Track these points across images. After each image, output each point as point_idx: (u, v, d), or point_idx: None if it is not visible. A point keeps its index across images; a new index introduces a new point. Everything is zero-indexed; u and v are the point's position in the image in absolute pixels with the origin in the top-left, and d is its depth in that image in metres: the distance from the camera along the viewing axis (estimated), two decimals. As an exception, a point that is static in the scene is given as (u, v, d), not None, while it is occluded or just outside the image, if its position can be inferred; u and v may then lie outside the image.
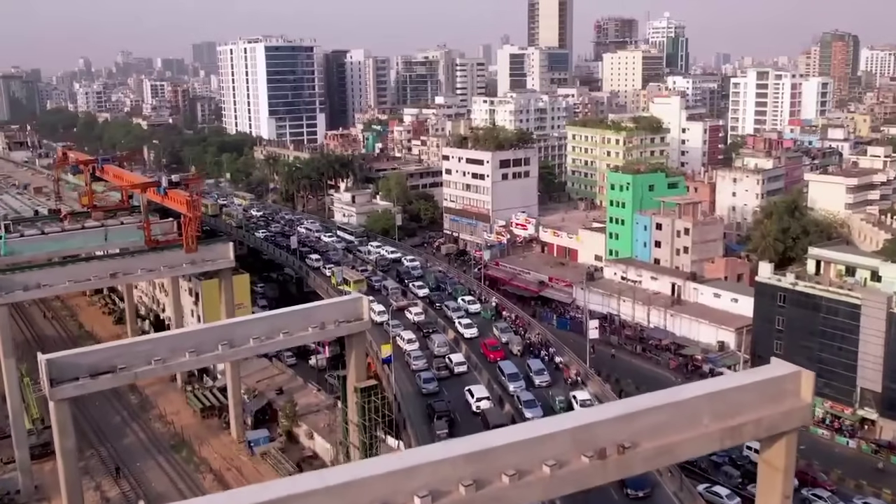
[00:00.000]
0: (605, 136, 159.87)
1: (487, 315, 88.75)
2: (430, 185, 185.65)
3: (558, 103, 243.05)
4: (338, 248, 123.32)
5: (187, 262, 69.74)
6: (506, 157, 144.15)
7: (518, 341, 78.08)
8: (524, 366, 71.00)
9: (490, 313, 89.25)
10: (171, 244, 69.13)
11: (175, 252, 69.19)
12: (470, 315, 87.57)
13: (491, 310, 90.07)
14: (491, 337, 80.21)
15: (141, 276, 69.60)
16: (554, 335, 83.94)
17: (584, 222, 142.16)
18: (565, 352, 75.15)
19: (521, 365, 71.49)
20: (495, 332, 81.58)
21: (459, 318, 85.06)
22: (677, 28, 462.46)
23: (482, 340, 77.28)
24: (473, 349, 76.44)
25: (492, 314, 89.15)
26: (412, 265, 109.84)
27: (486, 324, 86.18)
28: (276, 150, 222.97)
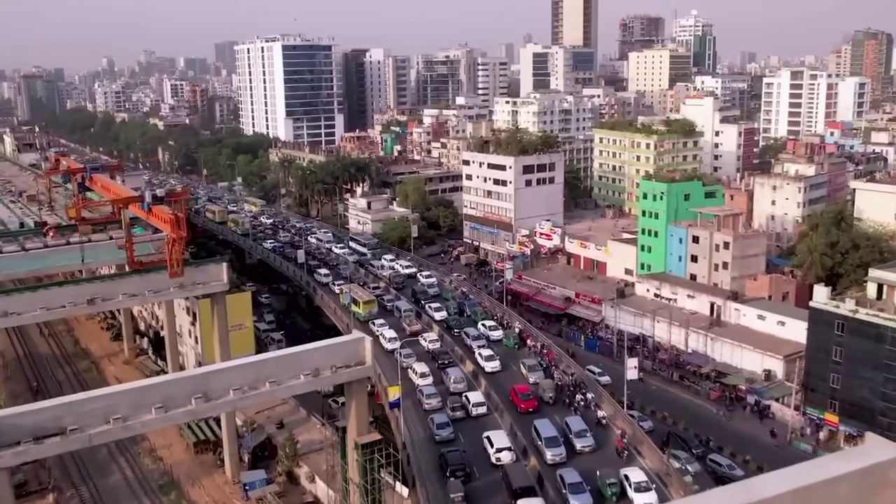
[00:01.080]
0: (634, 139, 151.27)
1: (510, 343, 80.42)
2: (449, 190, 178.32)
3: (583, 104, 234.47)
4: (349, 262, 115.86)
5: (175, 286, 62.50)
6: (529, 163, 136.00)
7: (550, 385, 67.93)
8: (559, 419, 60.56)
9: (513, 341, 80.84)
10: (157, 266, 62.04)
11: (162, 274, 61.92)
12: (491, 343, 79.60)
13: (514, 337, 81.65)
14: (520, 381, 69.89)
15: (122, 302, 62.55)
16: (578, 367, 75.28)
17: (612, 232, 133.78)
18: (603, 398, 65.73)
19: (553, 411, 62.73)
20: (523, 370, 72.16)
21: (480, 347, 76.92)
22: (705, 26, 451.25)
23: (511, 385, 67.50)
24: (494, 384, 68.33)
25: (515, 342, 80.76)
26: (428, 282, 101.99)
27: (508, 354, 77.93)
28: (291, 153, 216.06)
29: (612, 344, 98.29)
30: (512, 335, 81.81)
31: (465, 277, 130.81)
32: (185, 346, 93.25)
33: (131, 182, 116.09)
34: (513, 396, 64.58)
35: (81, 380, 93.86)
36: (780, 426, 77.50)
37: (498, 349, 77.40)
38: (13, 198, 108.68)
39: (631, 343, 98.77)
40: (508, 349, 79.39)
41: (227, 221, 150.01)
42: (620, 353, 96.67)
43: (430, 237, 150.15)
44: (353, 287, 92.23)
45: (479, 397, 63.05)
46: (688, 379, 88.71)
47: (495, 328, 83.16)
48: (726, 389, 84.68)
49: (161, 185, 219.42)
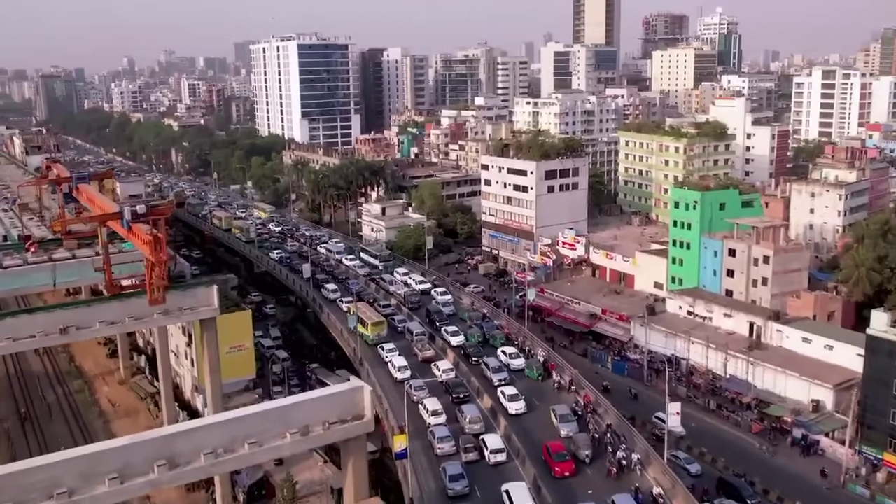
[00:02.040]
0: (662, 142, 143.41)
1: (534, 374, 72.68)
2: (467, 195, 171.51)
3: (607, 104, 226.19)
4: (359, 275, 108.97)
5: (160, 313, 55.99)
6: (552, 168, 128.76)
7: (586, 442, 57.96)
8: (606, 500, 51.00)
9: (537, 372, 72.93)
10: (140, 290, 55.64)
11: (145, 299, 55.37)
12: (512, 372, 72.14)
13: (538, 368, 73.68)
14: (549, 430, 61.10)
15: (99, 331, 56.17)
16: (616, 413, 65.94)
17: (639, 241, 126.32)
18: (650, 457, 56.38)
19: (593, 476, 54.64)
20: (553, 419, 62.25)
21: (501, 381, 69.16)
22: (730, 24, 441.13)
23: (540, 437, 58.95)
24: (516, 426, 60.82)
25: (539, 373, 72.87)
26: (443, 300, 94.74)
27: (533, 388, 70.01)
28: (304, 155, 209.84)
29: (641, 366, 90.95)
30: (535, 365, 74.01)
31: (483, 289, 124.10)
32: (181, 366, 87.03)
33: (130, 188, 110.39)
34: (545, 456, 55.94)
35: (72, 402, 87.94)
36: (831, 465, 69.93)
37: (521, 383, 69.75)
38: (6, 206, 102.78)
39: (662, 365, 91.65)
40: (532, 381, 71.88)
41: (231, 228, 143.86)
42: (651, 376, 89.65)
43: (446, 245, 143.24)
44: (362, 306, 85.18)
45: (497, 442, 55.77)
46: (726, 408, 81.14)
47: (516, 356, 75.58)
48: (769, 421, 77.17)
49: (171, 188, 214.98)
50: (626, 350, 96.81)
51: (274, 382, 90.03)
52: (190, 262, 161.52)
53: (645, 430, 70.81)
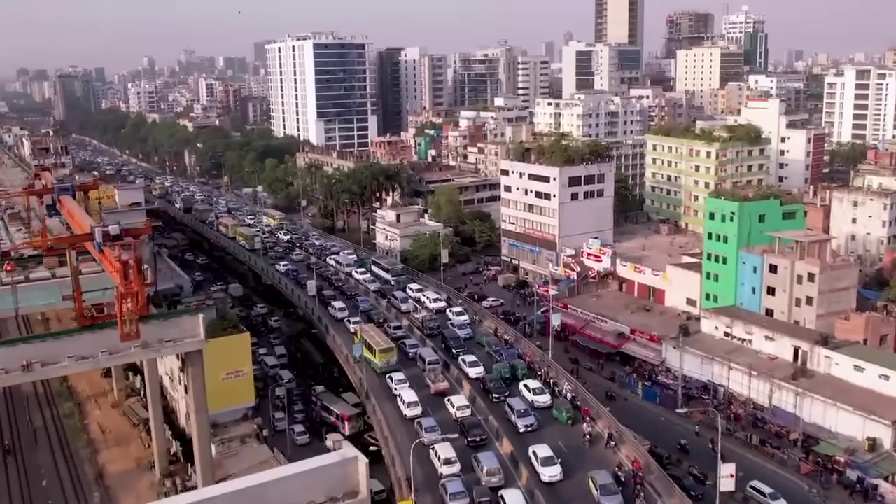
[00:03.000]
0: (692, 147, 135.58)
1: (563, 418, 64.02)
2: (486, 200, 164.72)
3: (631, 106, 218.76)
4: (370, 291, 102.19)
5: (137, 346, 49.58)
6: (576, 174, 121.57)
7: None
8: None
9: (567, 415, 63.95)
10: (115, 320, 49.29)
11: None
12: (536, 411, 64.54)
13: (567, 410, 64.44)
14: None
15: (68, 367, 49.73)
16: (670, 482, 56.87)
17: (669, 251, 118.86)
18: None
19: None
20: (593, 489, 52.30)
21: (527, 427, 61.00)
22: (756, 23, 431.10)
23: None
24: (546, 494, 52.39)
25: (568, 416, 64.14)
26: (459, 321, 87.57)
27: (563, 433, 61.63)
28: (318, 158, 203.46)
29: (674, 393, 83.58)
30: (564, 407, 65.20)
31: (503, 302, 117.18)
32: (175, 391, 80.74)
33: (129, 196, 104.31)
34: None
35: (59, 429, 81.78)
36: (892, 514, 62.48)
37: (548, 427, 61.78)
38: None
39: (697, 392, 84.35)
40: (560, 424, 63.66)
41: (236, 236, 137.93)
42: (686, 404, 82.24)
43: (463, 254, 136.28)
44: (369, 329, 78.10)
45: (520, 500, 48.60)
46: (770, 444, 73.60)
47: (541, 391, 67.73)
48: (819, 460, 69.62)
49: (179, 192, 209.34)
50: (657, 374, 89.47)
51: (276, 408, 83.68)
52: (194, 268, 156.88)
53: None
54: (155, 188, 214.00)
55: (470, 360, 74.36)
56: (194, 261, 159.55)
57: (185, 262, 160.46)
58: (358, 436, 75.55)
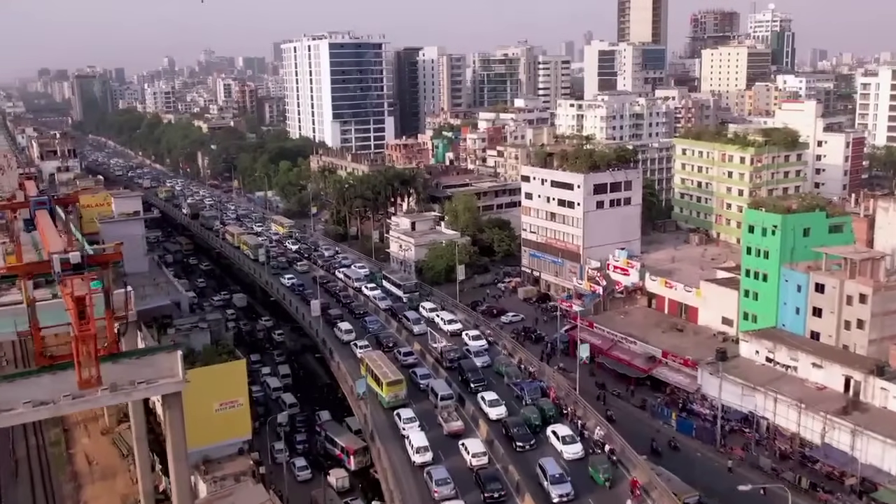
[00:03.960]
0: (725, 152, 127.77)
1: (599, 479, 55.14)
2: (506, 206, 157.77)
3: (657, 107, 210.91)
4: (380, 309, 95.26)
5: (106, 389, 43.12)
6: (601, 181, 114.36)
7: None
8: None
9: (604, 475, 55.25)
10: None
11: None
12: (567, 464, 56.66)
13: (605, 469, 55.77)
14: None
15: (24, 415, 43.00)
16: None
17: (700, 264, 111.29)
18: None
19: None
20: None
21: (562, 495, 52.04)
22: (783, 21, 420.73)
23: None
24: None
25: (606, 476, 55.18)
26: (477, 346, 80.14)
27: (601, 500, 53.26)
28: (332, 161, 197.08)
29: (712, 425, 76.28)
30: (601, 465, 56.30)
31: (523, 318, 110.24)
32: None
33: (125, 205, 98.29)
34: None
35: (43, 459, 75.65)
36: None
37: (584, 491, 53.23)
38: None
39: (737, 424, 77.00)
40: (597, 486, 54.93)
41: (241, 246, 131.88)
42: (725, 439, 74.94)
43: (482, 265, 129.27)
44: (376, 357, 70.82)
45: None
46: (822, 488, 66.09)
47: (572, 439, 59.21)
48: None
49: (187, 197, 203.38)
50: (692, 402, 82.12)
51: (277, 436, 77.29)
52: (197, 275, 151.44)
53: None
54: (161, 192, 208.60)
55: (490, 399, 66.30)
56: (198, 265, 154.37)
57: (188, 268, 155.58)
58: (364, 471, 69.10)
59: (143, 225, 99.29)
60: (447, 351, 78.19)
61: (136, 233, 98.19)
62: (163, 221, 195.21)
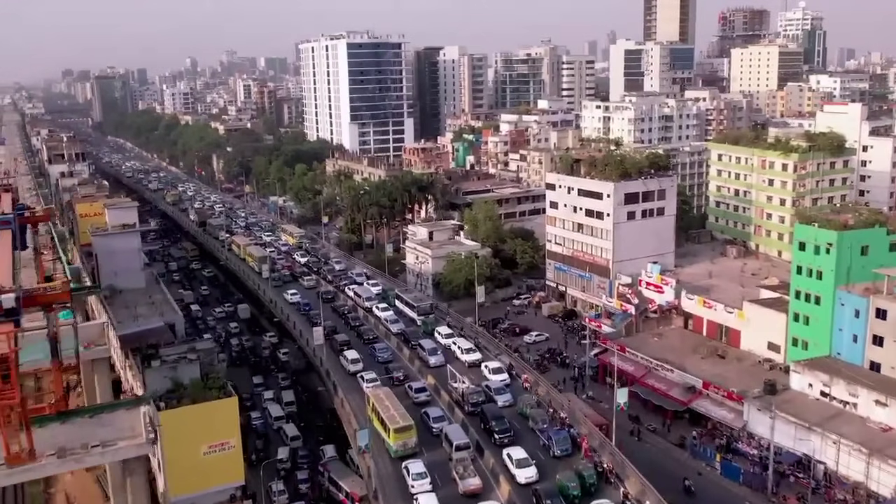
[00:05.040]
0: (766, 158, 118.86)
1: None
2: (529, 213, 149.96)
3: (687, 109, 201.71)
4: (391, 334, 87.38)
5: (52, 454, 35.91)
6: (633, 190, 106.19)
7: None
8: None
9: None
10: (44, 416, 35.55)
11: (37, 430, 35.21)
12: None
13: None
14: None
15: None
16: None
17: (740, 280, 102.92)
18: None
19: None
20: None
21: None
22: (814, 19, 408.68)
23: None
24: None
25: None
26: (498, 382, 71.69)
27: None
28: (348, 165, 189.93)
29: (762, 469, 67.92)
30: None
31: (548, 337, 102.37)
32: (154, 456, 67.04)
33: (121, 217, 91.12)
34: None
35: (21, 497, 68.92)
36: None
37: None
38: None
39: (789, 469, 68.58)
40: None
41: (246, 258, 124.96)
42: (777, 486, 66.58)
43: (503, 278, 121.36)
44: (384, 398, 62.70)
45: None
46: (893, 549, 57.75)
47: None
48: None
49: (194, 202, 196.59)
50: (736, 440, 73.79)
51: (277, 473, 70.11)
52: (199, 282, 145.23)
53: None
54: (168, 196, 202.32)
55: (519, 458, 56.77)
56: (201, 271, 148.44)
57: (192, 274, 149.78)
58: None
59: (139, 237, 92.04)
60: (469, 393, 68.15)
61: (131, 246, 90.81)
62: (165, 233, 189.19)
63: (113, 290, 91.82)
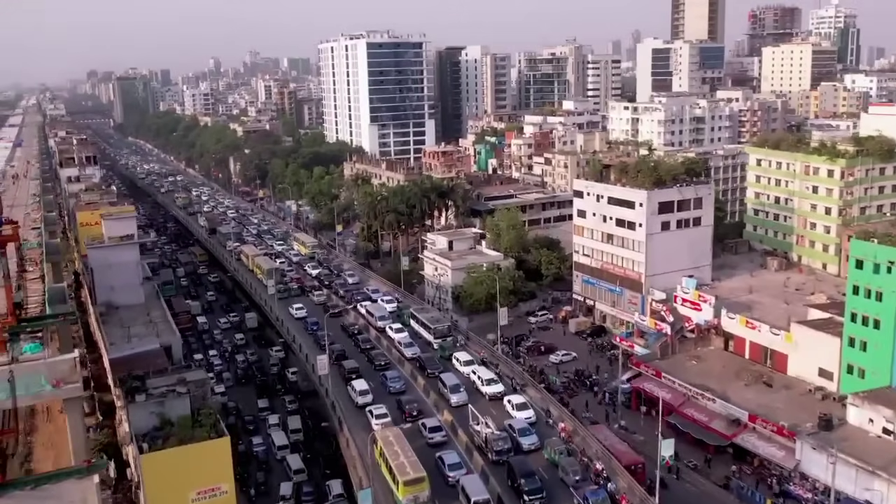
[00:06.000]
0: (810, 164, 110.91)
1: None
2: (555, 220, 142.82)
3: (720, 110, 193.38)
4: (405, 359, 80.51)
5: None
6: (668, 199, 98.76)
7: None
8: None
9: None
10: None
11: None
12: None
13: None
14: None
15: None
16: None
17: (784, 295, 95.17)
18: None
19: None
20: None
21: None
22: (847, 17, 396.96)
23: None
24: None
25: None
26: (523, 420, 64.14)
27: None
28: (366, 168, 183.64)
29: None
30: None
31: (575, 356, 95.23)
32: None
33: (118, 227, 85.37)
34: None
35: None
36: None
37: None
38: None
39: (852, 517, 61.05)
40: None
41: (254, 269, 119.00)
42: (837, 538, 59.16)
43: (528, 291, 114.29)
44: (394, 441, 55.40)
45: None
46: None
47: None
48: None
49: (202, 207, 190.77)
50: (788, 481, 66.31)
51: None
52: (205, 287, 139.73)
53: None
54: (179, 200, 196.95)
55: None
56: (207, 276, 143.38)
57: (198, 279, 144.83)
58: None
59: (137, 249, 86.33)
60: (494, 440, 60.33)
61: (129, 259, 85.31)
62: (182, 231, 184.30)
63: (109, 306, 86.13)
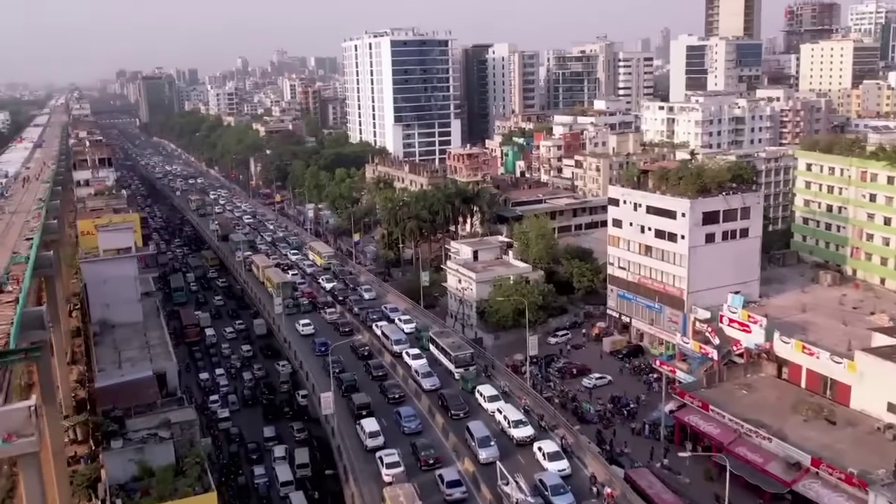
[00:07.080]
0: (867, 169, 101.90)
1: None
2: (586, 226, 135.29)
3: (760, 110, 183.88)
4: (422, 391, 72.59)
5: None
6: (712, 208, 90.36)
7: None
8: None
9: None
10: None
11: None
12: None
13: None
14: None
15: None
16: None
17: (842, 315, 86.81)
18: None
19: None
20: None
21: None
22: (889, 13, 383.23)
23: None
24: None
25: None
26: (556, 472, 55.61)
27: None
28: (388, 171, 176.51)
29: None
30: None
31: (611, 380, 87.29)
32: None
33: (115, 240, 78.99)
34: None
35: None
36: None
37: None
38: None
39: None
40: None
41: (264, 282, 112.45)
42: None
43: (559, 306, 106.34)
44: (402, 496, 47.66)
45: None
46: None
47: None
48: None
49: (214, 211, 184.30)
50: (860, 539, 57.92)
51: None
52: (212, 294, 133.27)
53: None
54: (193, 202, 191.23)
55: None
56: (216, 280, 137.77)
57: (207, 283, 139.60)
58: None
59: (135, 264, 79.89)
60: (522, 502, 51.79)
61: (126, 273, 79.03)
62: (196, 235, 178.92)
63: (104, 324, 79.70)
